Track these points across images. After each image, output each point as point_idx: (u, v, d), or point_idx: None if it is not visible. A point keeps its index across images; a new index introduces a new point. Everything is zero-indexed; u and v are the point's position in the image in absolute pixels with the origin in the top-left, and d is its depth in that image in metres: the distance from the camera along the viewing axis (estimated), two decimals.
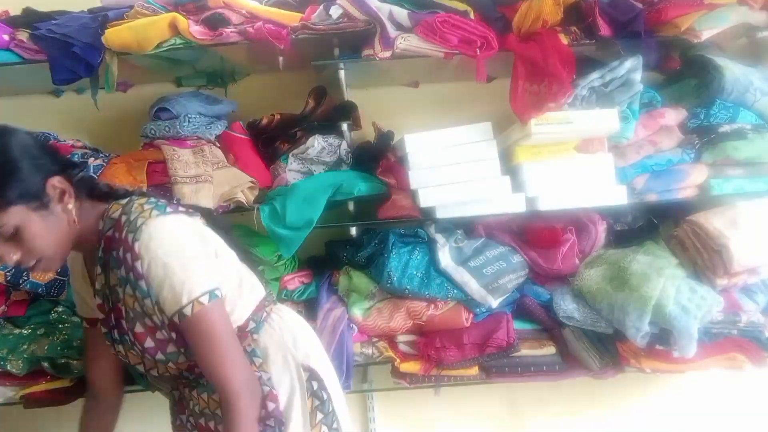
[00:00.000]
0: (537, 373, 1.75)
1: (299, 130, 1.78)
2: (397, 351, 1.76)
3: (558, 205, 1.70)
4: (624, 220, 1.85)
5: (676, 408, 2.13)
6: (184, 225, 1.13)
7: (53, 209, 1.07)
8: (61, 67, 1.59)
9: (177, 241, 1.09)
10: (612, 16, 1.65)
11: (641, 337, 1.60)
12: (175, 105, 1.71)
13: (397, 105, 2.05)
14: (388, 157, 1.79)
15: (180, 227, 1.12)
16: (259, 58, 1.80)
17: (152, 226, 1.07)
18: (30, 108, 2.00)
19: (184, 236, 1.11)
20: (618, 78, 1.70)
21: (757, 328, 1.65)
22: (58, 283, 1.56)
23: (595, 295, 1.68)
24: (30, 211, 1.03)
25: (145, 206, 1.11)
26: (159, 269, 1.05)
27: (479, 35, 1.61)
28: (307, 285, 1.83)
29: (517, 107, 1.65)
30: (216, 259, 1.17)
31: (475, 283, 1.69)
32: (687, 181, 1.73)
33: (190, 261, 1.08)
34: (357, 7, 1.61)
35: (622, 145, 1.72)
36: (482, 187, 1.67)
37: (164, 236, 1.07)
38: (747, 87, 1.72)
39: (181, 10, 1.63)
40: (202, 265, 1.10)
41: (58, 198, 1.08)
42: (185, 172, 1.63)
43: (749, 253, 1.57)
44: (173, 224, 1.11)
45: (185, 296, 1.05)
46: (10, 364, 1.61)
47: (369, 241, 1.82)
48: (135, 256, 1.06)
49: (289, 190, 1.69)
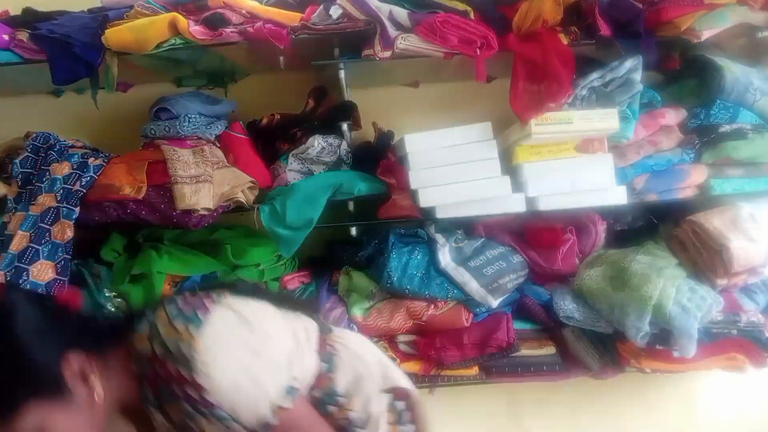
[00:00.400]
0: (537, 373, 1.75)
1: (299, 130, 1.78)
2: (397, 351, 1.77)
3: (558, 205, 1.70)
4: (624, 220, 1.85)
5: (676, 408, 2.13)
6: (225, 327, 0.99)
7: (77, 395, 0.92)
8: (61, 67, 1.59)
9: (233, 353, 0.96)
10: (612, 16, 1.65)
11: (641, 337, 1.59)
12: (175, 105, 1.71)
13: (397, 105, 2.05)
14: (388, 157, 1.79)
15: (224, 333, 0.98)
16: (259, 58, 1.80)
17: (201, 350, 0.93)
18: (30, 108, 2.00)
19: (233, 342, 0.98)
20: (618, 78, 1.70)
21: (757, 328, 1.65)
22: (58, 283, 1.56)
23: (595, 295, 1.68)
24: (51, 408, 0.88)
25: (176, 325, 0.95)
26: (230, 392, 0.94)
27: (479, 35, 1.60)
28: (307, 285, 1.83)
29: (517, 107, 1.65)
30: (270, 339, 1.04)
31: (475, 283, 1.69)
32: (687, 181, 1.73)
33: (254, 366, 0.97)
34: (357, 7, 1.61)
35: (622, 145, 1.72)
36: (482, 187, 1.66)
37: (218, 356, 0.94)
38: (747, 87, 1.72)
39: (181, 10, 1.63)
40: (265, 363, 0.99)
41: (80, 381, 0.93)
42: (185, 172, 1.63)
43: (749, 253, 1.57)
44: (217, 335, 0.96)
45: (265, 407, 0.96)
46: None
47: (369, 241, 1.83)
48: (199, 388, 0.92)
49: (289, 190, 1.69)
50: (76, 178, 1.62)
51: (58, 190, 1.59)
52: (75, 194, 1.59)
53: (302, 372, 1.06)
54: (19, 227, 1.55)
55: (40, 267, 1.53)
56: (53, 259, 1.55)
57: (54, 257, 1.55)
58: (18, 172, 1.64)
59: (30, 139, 1.69)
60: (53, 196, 1.59)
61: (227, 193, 1.66)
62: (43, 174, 1.63)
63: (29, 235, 1.55)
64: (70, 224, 1.57)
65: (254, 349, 0.99)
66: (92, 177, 1.63)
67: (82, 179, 1.61)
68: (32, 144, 1.68)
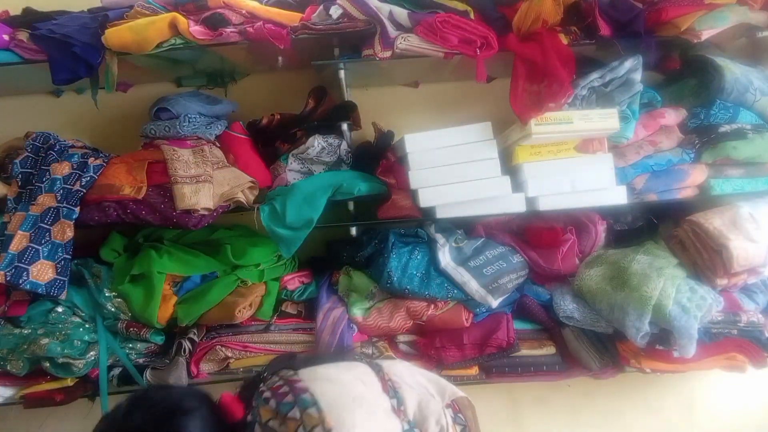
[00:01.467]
0: (537, 373, 1.75)
1: (299, 130, 1.78)
2: (397, 351, 1.77)
3: (558, 205, 1.70)
4: (624, 220, 1.86)
5: (676, 408, 2.13)
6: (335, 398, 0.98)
7: None
8: (61, 67, 1.59)
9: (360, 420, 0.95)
10: (612, 16, 1.66)
11: (641, 337, 1.60)
12: (175, 105, 1.71)
13: (397, 105, 2.05)
14: (388, 157, 1.79)
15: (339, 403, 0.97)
16: (259, 58, 1.80)
17: (335, 425, 0.91)
18: (30, 108, 2.00)
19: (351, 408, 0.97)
20: (618, 78, 1.70)
21: (757, 328, 1.65)
22: (58, 283, 1.56)
23: (595, 295, 1.68)
24: None
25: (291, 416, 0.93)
26: None
27: (479, 35, 1.61)
28: (307, 285, 1.83)
29: (517, 107, 1.65)
30: (365, 394, 1.04)
31: (475, 283, 1.69)
32: (687, 181, 1.73)
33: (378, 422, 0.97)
34: (357, 7, 1.61)
35: (622, 145, 1.72)
36: (482, 187, 1.67)
37: (354, 423, 0.93)
38: (747, 87, 1.72)
39: (181, 10, 1.63)
40: (380, 417, 0.99)
41: None
42: (185, 172, 1.63)
43: (749, 253, 1.57)
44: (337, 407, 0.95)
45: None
46: (10, 364, 1.61)
47: (369, 241, 1.83)
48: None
49: (289, 190, 1.69)
50: (76, 178, 1.62)
51: (58, 190, 1.59)
52: (75, 194, 1.60)
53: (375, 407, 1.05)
54: (19, 227, 1.55)
55: (40, 267, 1.54)
56: (53, 259, 1.55)
57: (54, 257, 1.56)
58: (18, 172, 1.64)
59: (30, 139, 1.69)
60: (53, 196, 1.59)
61: (227, 193, 1.66)
62: (43, 174, 1.63)
63: (29, 235, 1.55)
64: (70, 224, 1.57)
65: (368, 410, 0.98)
66: (92, 177, 1.63)
67: (82, 179, 1.62)
68: (32, 144, 1.68)
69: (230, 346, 1.73)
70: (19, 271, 1.51)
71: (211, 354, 1.74)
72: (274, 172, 1.82)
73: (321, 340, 1.68)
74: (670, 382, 2.08)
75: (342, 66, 1.73)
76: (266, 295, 1.76)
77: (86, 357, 1.64)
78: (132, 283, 1.68)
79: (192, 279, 1.74)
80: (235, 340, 1.73)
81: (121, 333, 1.70)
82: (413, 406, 1.10)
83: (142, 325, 1.70)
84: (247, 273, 1.76)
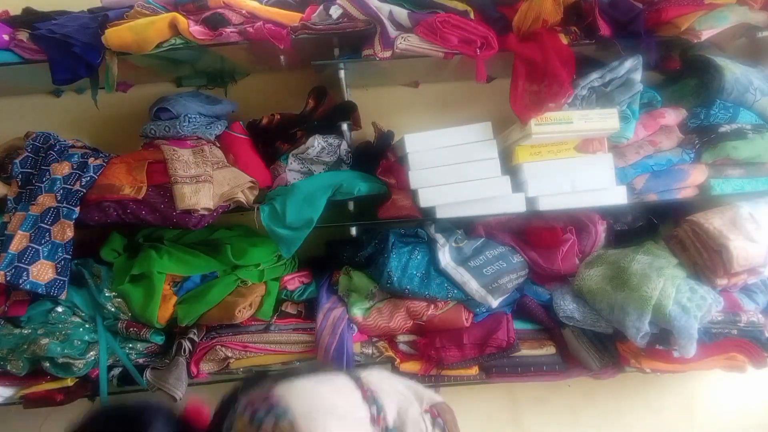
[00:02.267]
0: (537, 373, 1.75)
1: (299, 130, 1.78)
2: (397, 351, 1.77)
3: (558, 205, 1.70)
4: (624, 220, 1.86)
5: (676, 408, 2.13)
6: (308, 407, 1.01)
7: None
8: (61, 67, 1.59)
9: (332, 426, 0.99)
10: (612, 16, 1.65)
11: (641, 337, 1.60)
12: (175, 105, 1.71)
13: (397, 105, 2.05)
14: (388, 157, 1.79)
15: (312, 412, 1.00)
16: (259, 58, 1.80)
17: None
18: (30, 108, 2.00)
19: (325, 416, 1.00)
20: (618, 78, 1.70)
21: (757, 328, 1.65)
22: (58, 283, 1.56)
23: (595, 295, 1.68)
24: None
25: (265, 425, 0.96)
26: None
27: (479, 35, 1.61)
28: (307, 285, 1.83)
29: (517, 107, 1.65)
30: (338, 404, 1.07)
31: (475, 283, 1.69)
32: (687, 181, 1.73)
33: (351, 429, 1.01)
34: (357, 7, 1.61)
35: (622, 145, 1.72)
36: (482, 187, 1.66)
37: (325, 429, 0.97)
38: (747, 87, 1.72)
39: (181, 10, 1.63)
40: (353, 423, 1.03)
41: None
42: (185, 172, 1.63)
43: (749, 253, 1.57)
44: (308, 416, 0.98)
45: None
46: (10, 364, 1.61)
47: (369, 241, 1.83)
48: None
49: (289, 190, 1.69)
50: (76, 178, 1.62)
51: (58, 190, 1.59)
52: (75, 194, 1.60)
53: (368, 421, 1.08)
54: (19, 227, 1.55)
55: (40, 267, 1.54)
56: (53, 259, 1.55)
57: (54, 257, 1.56)
58: (18, 172, 1.65)
59: (30, 139, 1.69)
60: (53, 196, 1.59)
61: (227, 193, 1.66)
62: (43, 174, 1.63)
63: (29, 235, 1.55)
64: (70, 224, 1.57)
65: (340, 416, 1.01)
66: (92, 177, 1.63)
67: (82, 179, 1.62)
68: (32, 144, 1.68)
69: (230, 346, 1.73)
70: (19, 271, 1.51)
71: (211, 354, 1.74)
72: (274, 172, 1.82)
73: (321, 340, 1.68)
74: (670, 382, 2.08)
75: (342, 66, 1.73)
76: (266, 295, 1.76)
77: (86, 357, 1.64)
78: (132, 283, 1.68)
79: (192, 279, 1.75)
80: (235, 340, 1.73)
81: (121, 333, 1.70)
82: (393, 412, 1.12)
83: (142, 325, 1.70)
84: (247, 273, 1.76)
